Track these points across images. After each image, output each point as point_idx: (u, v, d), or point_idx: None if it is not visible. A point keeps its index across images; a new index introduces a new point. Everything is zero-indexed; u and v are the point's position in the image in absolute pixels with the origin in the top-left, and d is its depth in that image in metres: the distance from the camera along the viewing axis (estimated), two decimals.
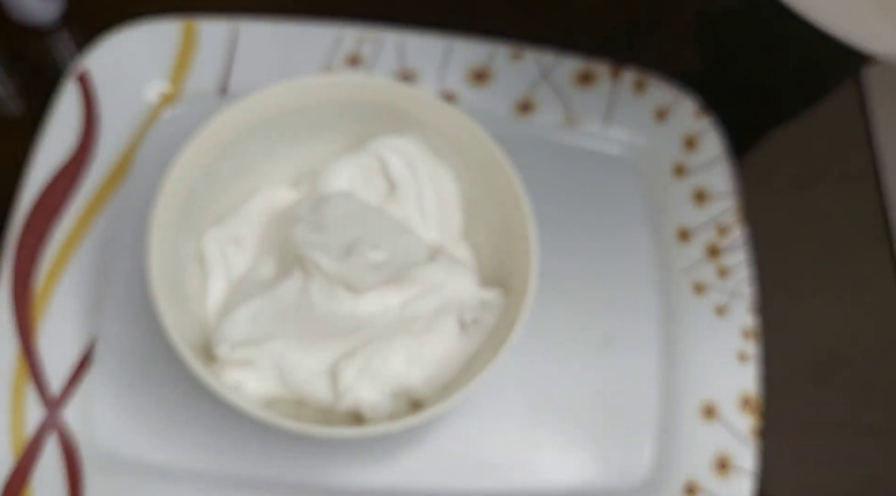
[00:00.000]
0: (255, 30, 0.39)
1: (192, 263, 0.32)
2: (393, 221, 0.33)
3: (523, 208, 0.31)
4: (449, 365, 0.31)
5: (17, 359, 0.32)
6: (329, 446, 0.33)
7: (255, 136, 0.32)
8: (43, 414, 0.32)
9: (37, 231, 0.34)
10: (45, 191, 0.35)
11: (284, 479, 0.33)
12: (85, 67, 0.37)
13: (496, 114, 0.40)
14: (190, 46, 0.38)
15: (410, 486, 0.33)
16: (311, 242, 0.31)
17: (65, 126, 0.36)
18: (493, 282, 0.32)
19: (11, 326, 0.32)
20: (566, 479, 0.34)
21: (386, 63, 0.39)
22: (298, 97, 0.32)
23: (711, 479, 0.34)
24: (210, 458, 0.32)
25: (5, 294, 0.33)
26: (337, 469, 0.33)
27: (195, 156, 0.30)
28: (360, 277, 0.30)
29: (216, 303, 0.32)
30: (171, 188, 0.29)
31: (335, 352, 0.30)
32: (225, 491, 0.32)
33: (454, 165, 0.34)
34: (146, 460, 0.32)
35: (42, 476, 0.31)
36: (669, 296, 0.38)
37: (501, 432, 0.34)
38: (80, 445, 0.32)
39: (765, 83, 0.45)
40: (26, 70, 0.41)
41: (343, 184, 0.34)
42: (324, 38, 0.39)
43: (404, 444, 0.34)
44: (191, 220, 0.32)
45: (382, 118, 0.33)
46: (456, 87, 0.40)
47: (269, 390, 0.30)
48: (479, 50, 0.40)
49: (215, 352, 0.30)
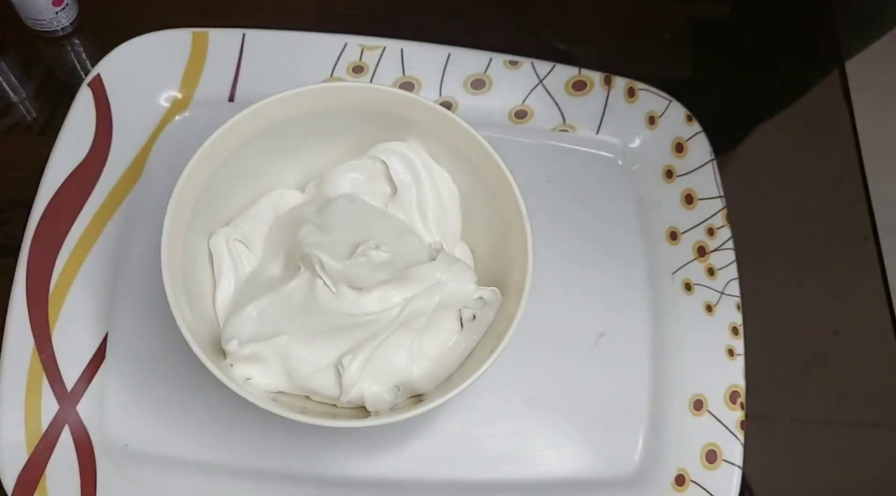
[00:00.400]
0: (261, 40, 0.40)
1: (203, 263, 0.33)
2: (395, 222, 0.35)
3: (520, 210, 0.32)
4: (448, 360, 0.32)
5: (32, 355, 0.33)
6: (333, 439, 0.34)
7: (263, 141, 0.33)
8: (57, 408, 0.33)
9: (52, 231, 0.35)
10: (60, 192, 0.36)
11: (291, 470, 0.33)
12: (99, 75, 0.38)
13: (494, 120, 0.41)
14: (200, 55, 0.40)
15: (411, 477, 0.34)
16: (317, 243, 0.32)
17: (79, 130, 0.37)
18: (489, 281, 0.34)
19: (27, 323, 0.33)
20: (560, 471, 0.35)
21: (388, 71, 0.41)
22: (304, 104, 0.33)
23: (700, 471, 0.35)
24: (219, 450, 0.33)
25: (21, 292, 0.34)
26: (341, 460, 0.34)
27: (206, 159, 0.31)
28: (363, 276, 0.31)
29: (225, 301, 0.33)
30: (183, 190, 0.30)
31: (340, 348, 0.31)
32: (234, 481, 0.33)
33: (453, 169, 0.35)
34: (158, 452, 0.33)
35: (56, 467, 0.32)
36: (660, 293, 0.39)
37: (498, 425, 0.35)
38: (93, 438, 0.33)
39: (750, 86, 0.46)
40: (40, 76, 0.42)
41: (347, 187, 0.35)
42: (328, 47, 0.41)
43: (406, 437, 0.35)
44: (202, 221, 0.33)
45: (385, 124, 0.35)
46: (455, 94, 0.41)
47: (277, 384, 0.31)
48: (478, 59, 0.41)
49: (225, 348, 0.31)
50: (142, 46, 0.39)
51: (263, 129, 0.33)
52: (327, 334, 0.31)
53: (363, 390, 0.31)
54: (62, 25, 0.42)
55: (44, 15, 0.41)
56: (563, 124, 0.42)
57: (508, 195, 0.32)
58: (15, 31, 0.42)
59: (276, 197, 0.36)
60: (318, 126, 0.34)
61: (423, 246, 0.34)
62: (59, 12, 0.41)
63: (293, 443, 0.34)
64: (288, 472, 0.33)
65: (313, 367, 0.31)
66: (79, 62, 0.43)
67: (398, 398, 0.31)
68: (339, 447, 0.34)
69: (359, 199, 0.35)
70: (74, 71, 0.43)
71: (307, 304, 0.32)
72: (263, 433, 0.34)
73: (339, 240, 0.32)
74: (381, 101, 0.34)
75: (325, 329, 0.31)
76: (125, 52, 0.38)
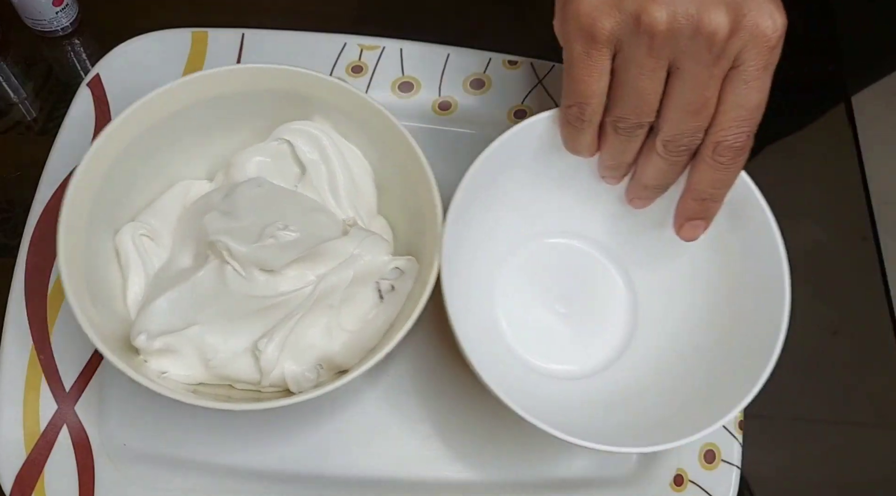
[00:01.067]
0: (261, 40, 0.40)
1: (112, 260, 0.33)
2: (305, 201, 0.34)
3: (428, 179, 0.31)
4: (369, 332, 0.32)
5: (31, 355, 0.33)
6: (318, 436, 0.34)
7: (165, 132, 0.33)
8: (55, 407, 0.33)
9: (51, 231, 0.34)
10: (60, 192, 0.36)
11: (292, 470, 0.33)
12: (98, 75, 0.38)
13: (493, 119, 0.41)
14: (199, 55, 0.40)
15: (409, 477, 0.34)
16: (223, 228, 0.31)
17: (78, 130, 0.37)
18: (409, 252, 0.33)
19: (26, 323, 0.34)
20: (559, 470, 0.35)
21: (387, 71, 0.41)
22: (203, 89, 0.32)
23: (699, 470, 0.35)
24: (217, 450, 0.33)
25: (20, 291, 0.34)
26: (340, 459, 0.34)
27: (100, 155, 0.30)
28: (273, 258, 0.31)
29: (136, 298, 0.32)
30: (80, 186, 0.30)
31: (256, 332, 0.30)
32: (232, 480, 0.33)
33: (363, 144, 0.35)
34: (156, 452, 0.33)
35: (54, 466, 0.32)
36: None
37: (497, 424, 0.35)
38: (91, 437, 0.33)
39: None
40: (40, 76, 0.42)
41: (254, 170, 0.35)
42: (327, 47, 0.41)
43: (406, 436, 0.35)
44: (106, 217, 0.32)
45: (292, 104, 0.34)
46: (454, 94, 0.41)
47: (196, 376, 0.31)
48: (477, 59, 0.41)
49: (133, 343, 0.30)
50: (141, 46, 0.39)
51: (162, 119, 0.32)
52: (242, 319, 0.31)
53: (284, 371, 0.30)
54: (62, 25, 0.42)
55: (44, 15, 0.41)
56: None
57: (416, 165, 0.32)
58: (15, 31, 0.42)
59: (183, 188, 0.35)
60: (222, 112, 0.34)
61: (335, 223, 0.34)
62: (60, 12, 0.41)
63: (285, 441, 0.34)
64: (289, 472, 0.33)
65: (230, 354, 0.30)
66: (79, 62, 0.43)
67: (322, 376, 0.31)
68: (329, 446, 0.34)
69: (266, 182, 0.34)
70: (74, 71, 0.43)
71: (218, 292, 0.31)
72: (261, 432, 0.34)
73: (247, 224, 0.32)
74: (284, 82, 0.33)
75: (239, 314, 0.31)
76: (124, 52, 0.39)
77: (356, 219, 0.35)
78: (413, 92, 0.41)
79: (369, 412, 0.35)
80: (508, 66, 0.41)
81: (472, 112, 0.41)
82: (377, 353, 0.29)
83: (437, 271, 0.30)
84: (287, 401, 0.28)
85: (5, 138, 0.40)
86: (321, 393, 0.28)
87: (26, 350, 0.33)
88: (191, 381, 0.31)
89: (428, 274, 0.30)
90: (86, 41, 0.43)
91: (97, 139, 0.30)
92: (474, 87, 0.41)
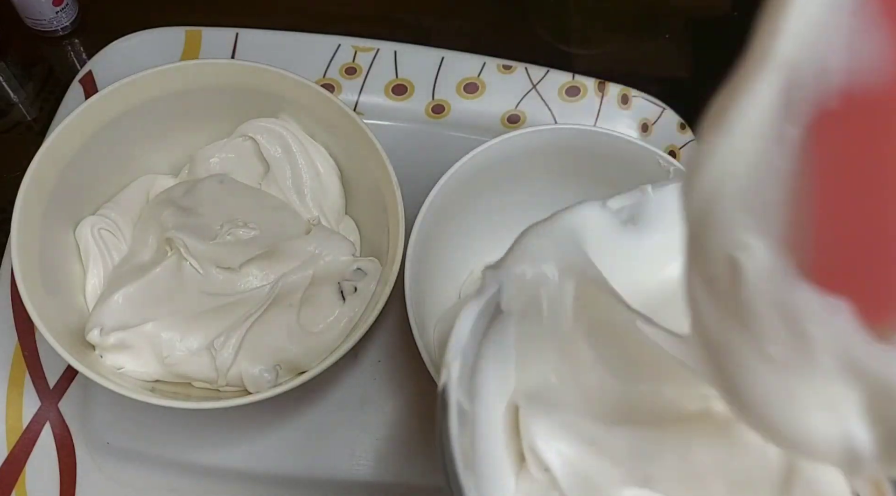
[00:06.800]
0: (254, 39, 0.40)
1: (72, 253, 0.32)
2: (267, 199, 0.34)
3: (391, 179, 0.31)
4: (331, 334, 0.31)
5: (15, 352, 0.33)
6: (307, 437, 0.33)
7: (128, 125, 0.32)
8: (39, 405, 0.33)
9: None
10: None
11: (274, 471, 0.33)
12: (90, 71, 0.38)
13: (486, 124, 0.41)
14: (192, 53, 0.40)
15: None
16: (181, 225, 0.31)
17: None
18: (374, 253, 0.33)
19: (11, 320, 0.33)
20: None
21: (381, 73, 0.41)
22: (165, 84, 0.32)
23: None
24: (201, 449, 0.33)
25: (6, 288, 0.34)
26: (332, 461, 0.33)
27: (57, 148, 0.30)
28: (231, 255, 0.31)
29: (95, 292, 0.32)
30: (36, 177, 0.29)
31: (213, 331, 0.30)
32: (215, 480, 0.33)
33: (329, 144, 0.35)
34: (139, 450, 0.33)
35: (36, 464, 0.32)
36: None
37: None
38: (74, 435, 0.33)
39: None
40: (40, 76, 0.43)
41: (217, 166, 0.34)
42: (321, 48, 0.40)
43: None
44: (67, 209, 0.32)
45: (258, 102, 0.34)
46: (448, 97, 0.41)
47: (152, 372, 0.30)
48: (471, 63, 0.41)
49: (87, 338, 0.30)
50: (134, 43, 0.39)
51: (126, 112, 0.32)
52: (199, 317, 0.30)
53: (241, 371, 0.30)
54: (62, 25, 0.43)
55: (44, 15, 0.42)
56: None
57: (379, 165, 0.32)
58: (15, 31, 0.43)
59: (146, 182, 0.34)
60: (188, 107, 0.33)
61: (298, 222, 0.34)
62: (60, 12, 0.42)
63: (273, 441, 0.33)
64: (271, 473, 0.33)
65: (185, 352, 0.30)
66: (79, 62, 0.43)
67: (281, 377, 0.31)
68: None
69: (228, 179, 0.34)
70: (74, 71, 0.43)
71: (175, 288, 0.31)
72: (245, 432, 0.33)
73: (207, 220, 0.32)
74: (250, 78, 0.33)
75: (197, 312, 0.30)
76: (117, 49, 0.39)
77: (321, 218, 0.34)
78: (407, 95, 0.41)
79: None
80: (503, 70, 0.41)
81: (466, 116, 0.41)
82: (336, 354, 0.29)
83: (397, 271, 0.29)
84: (243, 400, 0.28)
85: (5, 138, 0.41)
86: (278, 392, 0.28)
87: (11, 347, 0.33)
88: (148, 378, 0.31)
89: (389, 273, 0.30)
90: (86, 41, 0.43)
91: (53, 132, 0.30)
92: (468, 91, 0.41)
